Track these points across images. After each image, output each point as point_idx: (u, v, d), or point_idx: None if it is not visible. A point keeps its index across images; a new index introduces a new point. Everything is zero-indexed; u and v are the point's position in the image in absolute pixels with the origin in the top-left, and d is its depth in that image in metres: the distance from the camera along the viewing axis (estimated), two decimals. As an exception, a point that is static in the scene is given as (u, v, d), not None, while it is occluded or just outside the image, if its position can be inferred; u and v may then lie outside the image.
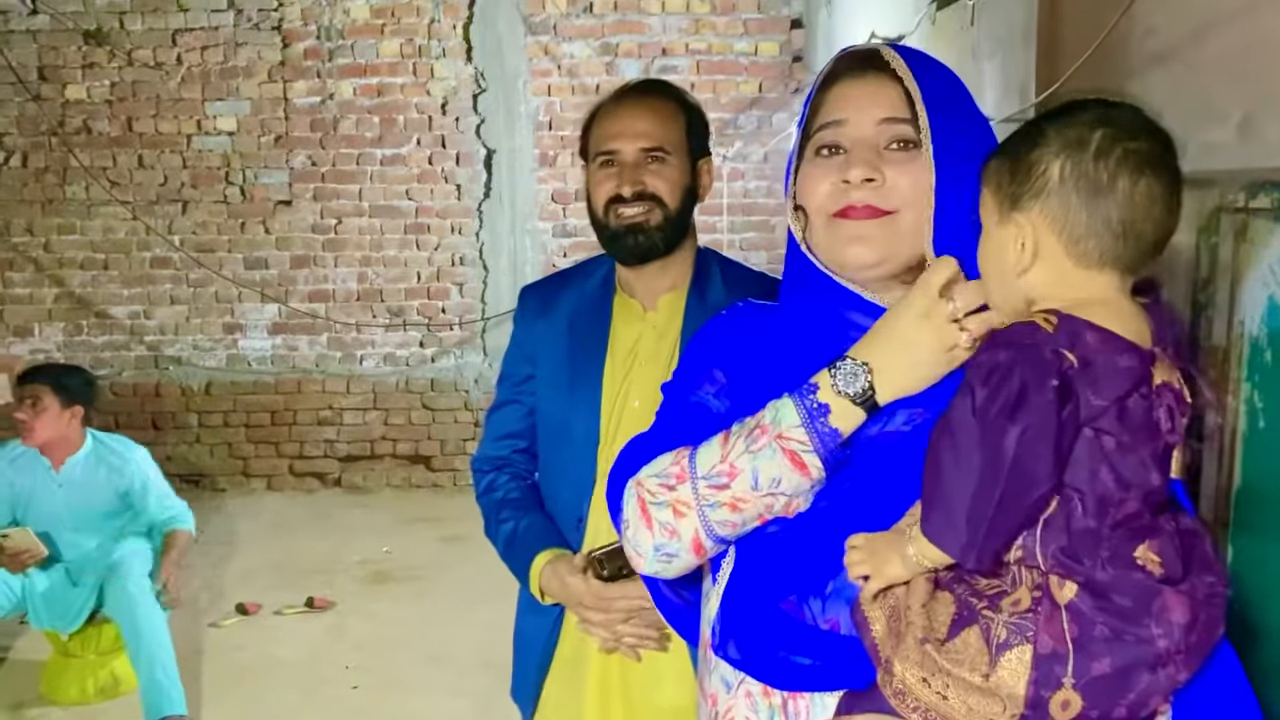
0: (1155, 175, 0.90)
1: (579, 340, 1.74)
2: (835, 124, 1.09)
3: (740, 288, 1.72)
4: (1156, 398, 0.88)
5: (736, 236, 5.92)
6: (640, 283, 1.74)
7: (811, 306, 1.14)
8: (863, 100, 1.08)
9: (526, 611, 1.81)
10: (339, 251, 5.99)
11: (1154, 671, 0.86)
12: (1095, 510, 0.87)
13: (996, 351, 0.90)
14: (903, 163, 1.06)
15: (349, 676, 3.73)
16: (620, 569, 1.57)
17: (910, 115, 1.06)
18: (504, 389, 1.85)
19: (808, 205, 1.11)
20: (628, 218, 1.66)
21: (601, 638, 1.63)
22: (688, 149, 1.72)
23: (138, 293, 6.02)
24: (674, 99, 1.73)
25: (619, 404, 1.69)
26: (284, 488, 6.08)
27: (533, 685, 1.77)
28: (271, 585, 4.59)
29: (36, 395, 3.39)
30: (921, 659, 0.91)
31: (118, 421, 5.89)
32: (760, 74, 5.82)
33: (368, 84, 5.84)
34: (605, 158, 1.68)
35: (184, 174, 5.90)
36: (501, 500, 1.79)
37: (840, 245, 1.08)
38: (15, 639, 3.99)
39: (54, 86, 5.82)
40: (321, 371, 6.08)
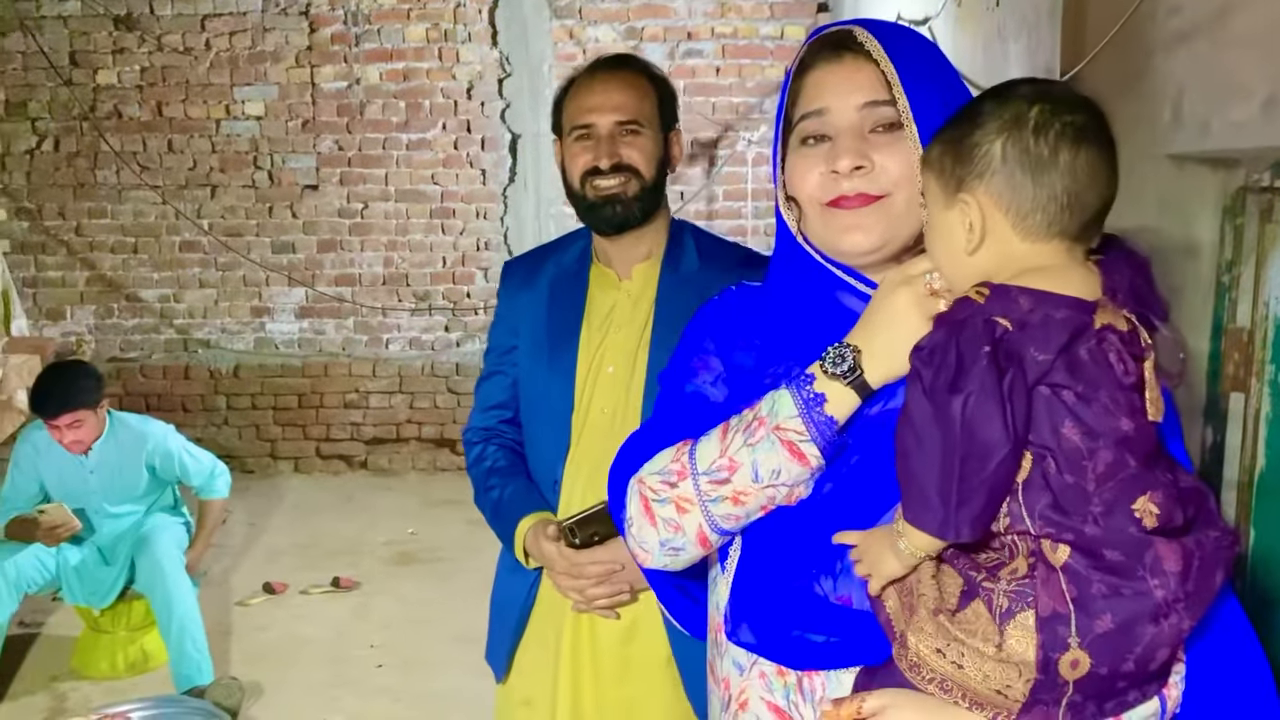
0: (1093, 145, 0.93)
1: (557, 309, 1.80)
2: (817, 114, 1.09)
3: (713, 257, 1.78)
4: (1102, 342, 0.89)
5: (761, 222, 5.90)
6: (616, 252, 1.79)
7: (804, 290, 1.15)
8: (841, 86, 1.08)
9: (505, 574, 1.86)
10: (365, 236, 6.03)
11: (1157, 623, 0.87)
12: (1069, 465, 0.88)
13: (935, 333, 0.93)
14: (889, 145, 1.06)
15: (374, 655, 3.78)
16: (592, 536, 1.64)
17: (890, 95, 1.06)
18: (490, 361, 1.91)
19: (799, 196, 1.12)
20: (605, 189, 1.70)
21: (574, 600, 1.70)
22: (659, 121, 1.76)
23: (167, 276, 6.09)
24: (644, 73, 1.78)
25: (594, 369, 1.74)
26: (311, 470, 6.15)
27: (508, 646, 1.82)
28: (298, 565, 4.65)
29: (79, 419, 3.43)
30: (935, 630, 0.92)
31: (148, 404, 5.97)
32: (786, 57, 5.79)
33: (394, 69, 5.86)
34: (581, 131, 1.72)
35: (212, 158, 5.95)
36: (490, 469, 1.84)
37: (836, 234, 1.09)
38: (49, 615, 4.07)
39: (85, 71, 5.88)
40: (348, 355, 6.12)
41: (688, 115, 5.78)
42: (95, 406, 3.47)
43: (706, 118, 5.81)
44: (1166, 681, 0.94)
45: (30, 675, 3.64)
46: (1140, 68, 1.86)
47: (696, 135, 5.85)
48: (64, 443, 3.43)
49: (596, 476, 1.69)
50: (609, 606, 1.69)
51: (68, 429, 3.40)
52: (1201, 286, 1.78)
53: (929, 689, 0.93)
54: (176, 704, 3.01)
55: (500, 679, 1.85)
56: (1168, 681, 0.95)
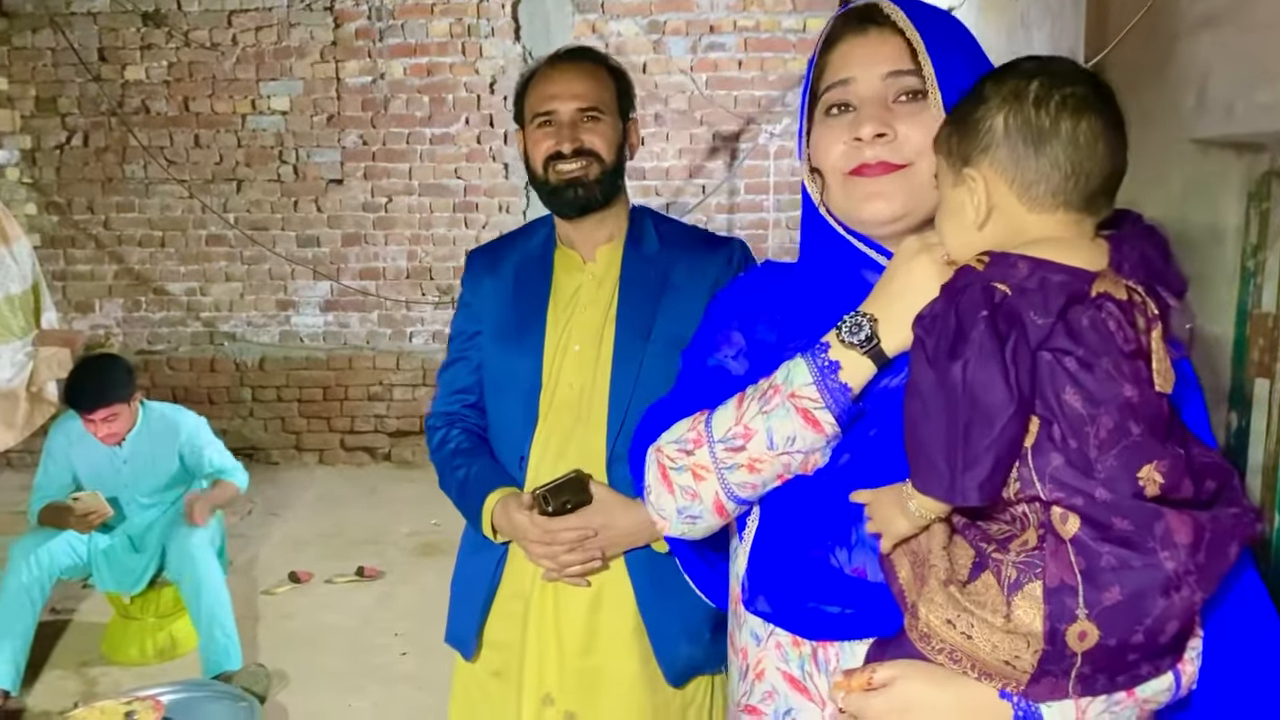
0: (1095, 115, 0.94)
1: (523, 292, 1.84)
2: (842, 83, 1.10)
3: (672, 238, 1.84)
4: (1100, 309, 0.90)
5: (783, 215, 5.90)
6: (579, 235, 1.84)
7: (829, 266, 1.16)
8: (866, 56, 1.10)
9: (469, 553, 1.89)
10: (389, 229, 6.07)
11: (1167, 595, 0.87)
12: (1072, 431, 0.89)
13: (935, 302, 0.95)
14: (913, 114, 1.07)
15: (398, 644, 3.81)
16: (564, 504, 1.67)
17: (915, 66, 1.08)
18: (453, 347, 1.94)
19: (822, 166, 1.13)
20: (567, 173, 1.75)
21: (547, 568, 1.73)
22: (618, 109, 1.82)
23: (194, 270, 6.15)
24: (602, 64, 1.83)
25: (561, 348, 1.79)
26: (335, 461, 6.19)
27: (475, 624, 1.84)
28: (323, 555, 4.69)
29: (114, 412, 3.47)
30: (945, 601, 0.93)
31: (174, 396, 6.02)
32: (809, 50, 5.75)
33: (418, 63, 5.90)
34: (543, 118, 1.77)
35: (239, 153, 6.00)
36: (454, 450, 1.87)
37: (858, 203, 1.10)
38: (80, 602, 4.12)
39: (114, 67, 5.95)
40: (372, 348, 6.17)
41: (710, 108, 5.80)
42: (129, 399, 3.51)
43: (728, 111, 5.82)
44: (1181, 656, 0.94)
45: (61, 660, 3.70)
46: (1165, 52, 1.86)
47: (718, 128, 5.86)
48: (99, 435, 3.48)
49: (564, 452, 1.75)
50: (581, 574, 1.73)
51: (102, 422, 3.45)
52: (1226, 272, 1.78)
53: (939, 659, 0.94)
54: (205, 688, 3.05)
55: (470, 657, 1.87)
56: (1182, 656, 0.95)
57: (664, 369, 1.70)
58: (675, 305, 1.76)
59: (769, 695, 1.12)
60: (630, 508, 1.70)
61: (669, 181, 5.95)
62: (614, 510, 1.70)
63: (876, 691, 0.98)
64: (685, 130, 5.89)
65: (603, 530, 1.69)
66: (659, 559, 1.73)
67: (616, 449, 1.73)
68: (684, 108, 5.87)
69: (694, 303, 1.74)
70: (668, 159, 5.93)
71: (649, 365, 1.73)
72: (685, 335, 1.73)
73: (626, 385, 1.73)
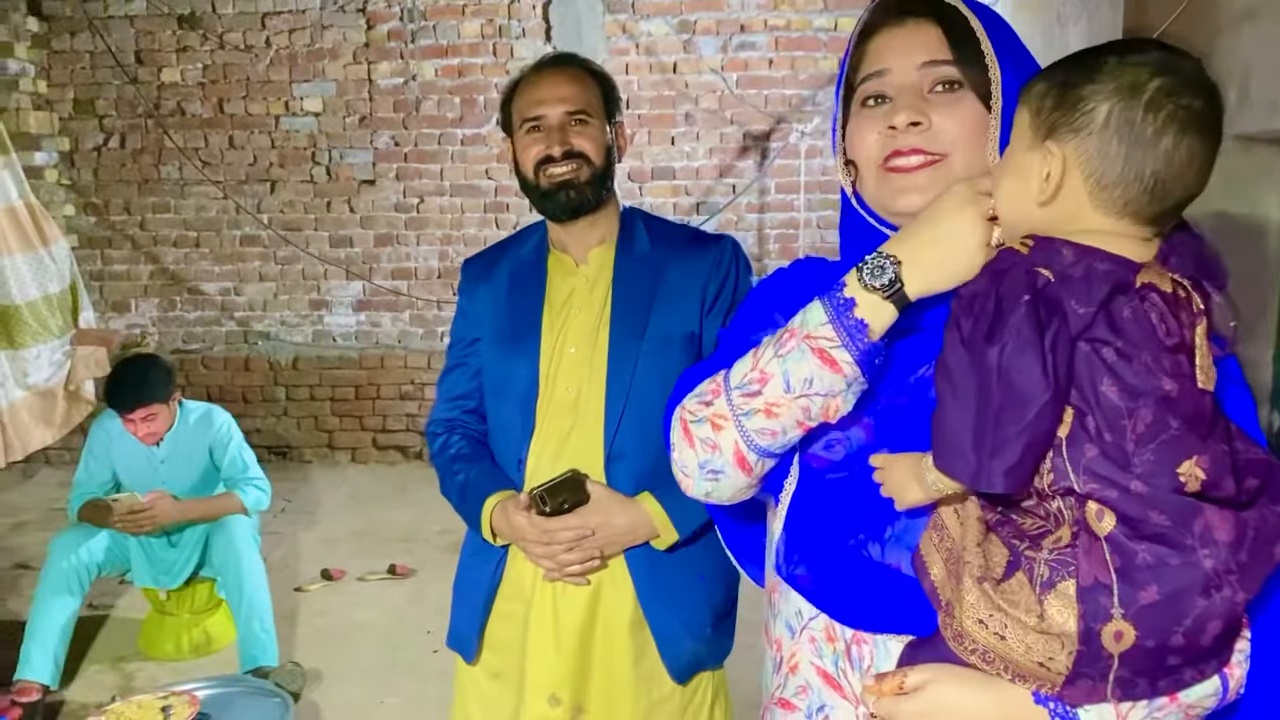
0: (1200, 136, 0.88)
1: (518, 297, 1.85)
2: (877, 75, 1.09)
3: (663, 237, 1.85)
4: (1144, 300, 0.87)
5: (814, 215, 5.89)
6: (571, 238, 1.85)
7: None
8: (902, 47, 1.08)
9: (470, 557, 1.90)
10: (421, 230, 6.10)
11: (1208, 595, 0.84)
12: (1108, 424, 0.86)
13: (976, 281, 0.93)
14: (949, 104, 1.06)
15: (430, 641, 3.82)
16: (561, 504, 1.69)
17: (952, 56, 1.06)
18: (452, 354, 1.96)
19: (857, 158, 1.12)
20: (558, 176, 1.77)
21: (546, 567, 1.74)
22: (604, 112, 1.83)
23: (228, 270, 6.21)
24: (586, 69, 1.85)
25: (557, 350, 1.80)
26: (367, 460, 6.24)
27: (476, 627, 1.86)
28: (355, 553, 4.73)
29: (153, 412, 3.51)
30: (978, 599, 0.91)
31: (209, 395, 6.08)
32: (840, 49, 5.76)
33: (449, 64, 5.93)
34: (532, 124, 1.79)
35: (272, 154, 6.06)
36: (454, 456, 1.88)
37: (891, 196, 1.08)
38: (117, 598, 4.18)
39: (150, 70, 6.02)
40: (403, 347, 6.20)
41: (740, 108, 5.78)
42: (168, 400, 3.56)
43: (759, 110, 5.80)
44: (1228, 659, 0.91)
45: (99, 655, 3.75)
46: (1205, 49, 1.84)
47: (749, 128, 5.85)
48: (138, 435, 3.52)
49: (561, 453, 1.77)
50: (580, 573, 1.74)
51: (142, 422, 3.49)
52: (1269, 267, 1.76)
53: (972, 660, 0.92)
54: (241, 683, 3.07)
55: (471, 660, 1.89)
56: (1229, 660, 0.91)
57: (659, 368, 1.74)
58: (668, 304, 1.78)
59: (802, 690, 1.11)
60: (628, 506, 1.72)
61: (699, 181, 5.94)
62: (611, 508, 1.72)
63: (908, 695, 0.97)
64: (716, 130, 5.89)
65: (600, 529, 1.71)
66: (658, 556, 1.75)
67: (614, 449, 1.75)
68: (714, 107, 5.86)
69: (687, 301, 1.79)
70: (698, 159, 5.93)
71: (644, 365, 1.75)
72: (679, 334, 1.77)
73: (622, 385, 1.75)
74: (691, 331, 1.78)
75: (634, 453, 1.75)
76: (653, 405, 1.72)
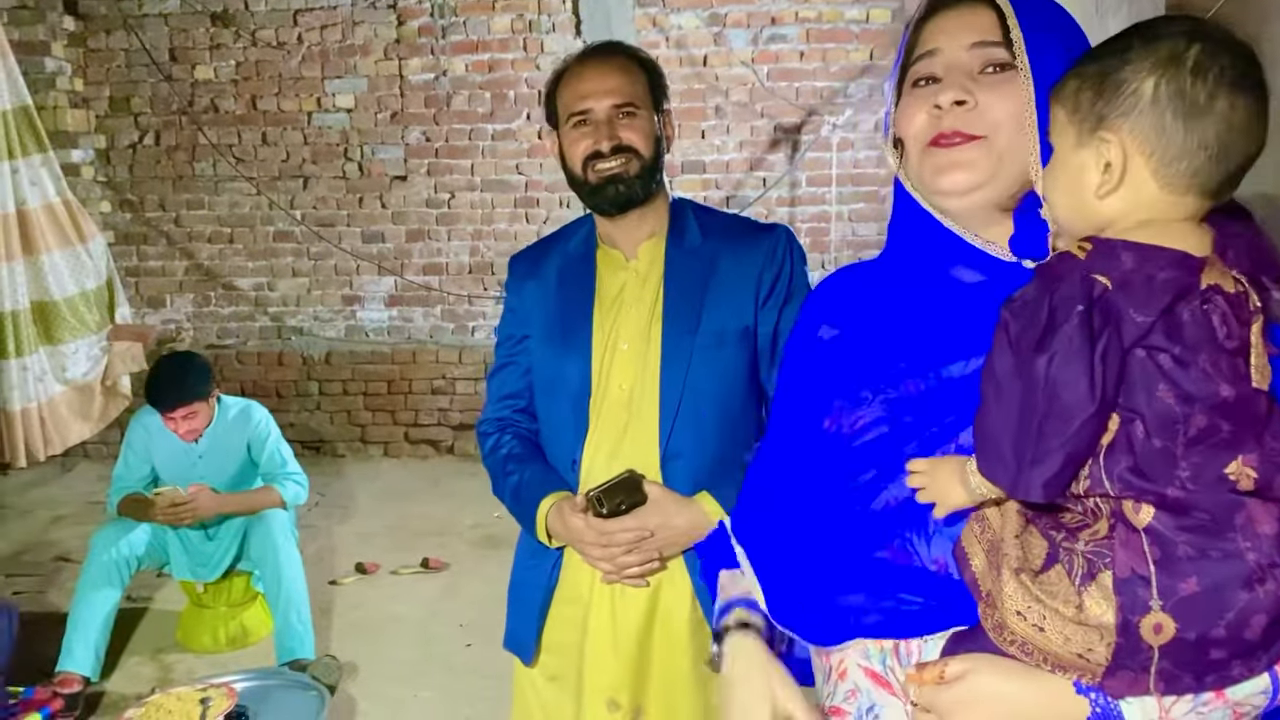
0: (1251, 94, 0.87)
1: (568, 293, 1.82)
2: (929, 55, 1.09)
3: (714, 229, 1.81)
4: (1207, 303, 0.85)
5: (845, 208, 5.85)
6: (621, 233, 1.81)
7: (914, 260, 1.14)
8: (954, 28, 1.08)
9: (525, 559, 1.87)
10: (452, 225, 6.12)
11: (1250, 588, 0.82)
12: (1159, 429, 0.85)
13: (1030, 286, 0.90)
14: (996, 85, 1.05)
15: (463, 635, 3.84)
16: (619, 505, 1.65)
17: (1004, 39, 1.04)
18: (501, 352, 1.92)
19: (904, 136, 1.11)
20: (607, 171, 1.72)
21: (605, 570, 1.71)
22: (652, 102, 1.78)
23: (261, 265, 6.26)
24: (632, 57, 1.79)
25: (609, 348, 1.76)
26: (400, 454, 6.27)
27: (533, 629, 1.83)
28: (388, 547, 4.76)
29: (193, 410, 3.55)
30: (1016, 590, 0.90)
31: (243, 389, 6.13)
32: (871, 41, 5.72)
33: (479, 60, 5.94)
34: (578, 118, 1.74)
35: (305, 150, 6.09)
36: (506, 456, 1.85)
37: (933, 173, 1.07)
38: (155, 590, 4.23)
39: (184, 67, 6.07)
40: (435, 342, 6.23)
41: (771, 100, 5.76)
42: (208, 397, 3.59)
43: (790, 102, 5.77)
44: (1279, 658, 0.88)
45: (138, 647, 3.80)
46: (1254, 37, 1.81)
47: (779, 121, 5.82)
48: (179, 433, 3.56)
49: (616, 452, 1.73)
50: (639, 575, 1.71)
51: (183, 420, 3.53)
52: None
53: (1012, 651, 0.91)
54: (278, 676, 3.10)
55: (529, 662, 1.86)
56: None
57: (713, 364, 1.71)
58: (722, 298, 1.74)
59: (852, 694, 1.10)
60: (686, 506, 1.69)
61: (729, 175, 5.92)
62: (670, 509, 1.68)
63: (948, 684, 0.96)
64: (746, 123, 5.86)
65: (659, 530, 1.67)
66: None
67: (669, 447, 1.71)
68: (745, 100, 5.84)
69: (741, 294, 1.74)
70: (728, 152, 5.91)
71: (698, 361, 1.71)
72: (733, 328, 1.73)
73: (676, 383, 1.71)
74: (746, 325, 1.74)
75: (690, 451, 1.71)
76: (708, 402, 1.71)
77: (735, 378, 1.75)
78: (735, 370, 1.75)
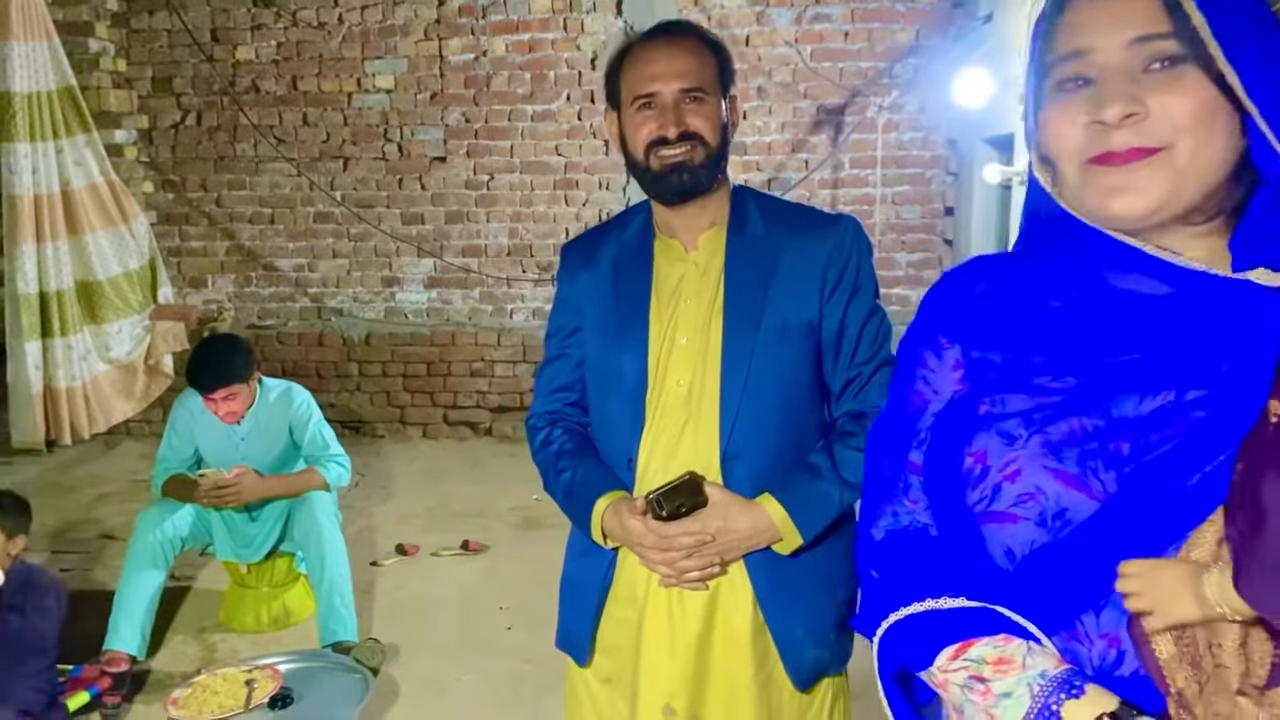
0: None
1: (623, 285, 1.74)
2: (1075, 54, 0.93)
3: (778, 219, 1.72)
4: None
5: (889, 190, 5.77)
6: (680, 222, 1.73)
7: (1062, 263, 1.00)
8: (1106, 20, 0.91)
9: (578, 556, 1.81)
10: (491, 207, 6.10)
11: None
12: None
13: None
14: (1168, 85, 0.88)
15: (503, 617, 3.84)
16: (679, 507, 1.59)
17: (1170, 27, 0.88)
18: (552, 345, 1.85)
19: (1055, 152, 0.96)
20: (671, 158, 1.63)
21: (664, 574, 1.65)
22: (720, 87, 1.69)
23: (302, 246, 6.28)
24: (703, 39, 1.70)
25: (667, 342, 1.69)
26: (438, 436, 6.28)
27: (588, 629, 1.78)
28: (428, 528, 4.77)
29: (233, 392, 3.55)
30: (1232, 710, 0.79)
31: (284, 370, 6.18)
32: (918, 20, 5.62)
33: (519, 40, 5.90)
34: (644, 100, 1.65)
35: (345, 131, 6.09)
36: (558, 452, 1.79)
37: (1101, 197, 0.92)
38: (199, 570, 4.26)
39: (225, 48, 6.08)
40: (474, 324, 6.23)
41: (814, 81, 5.68)
42: (248, 379, 3.59)
43: (834, 83, 5.69)
44: None
45: (183, 626, 3.82)
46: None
47: (823, 102, 5.74)
48: (219, 414, 3.57)
49: (675, 451, 1.66)
50: (699, 579, 1.65)
51: (223, 401, 3.53)
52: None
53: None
54: (322, 658, 3.11)
55: (583, 662, 1.81)
56: None
57: (776, 360, 1.64)
58: (785, 292, 1.66)
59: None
60: (749, 509, 1.62)
61: (771, 156, 5.85)
62: (732, 512, 1.61)
63: None
64: (789, 104, 5.79)
65: (720, 534, 1.61)
66: (779, 560, 1.65)
67: (730, 447, 1.64)
68: (788, 80, 5.76)
69: (806, 287, 1.66)
70: (770, 133, 5.84)
71: (760, 357, 1.63)
72: (797, 323, 1.65)
73: (738, 380, 1.63)
74: (810, 320, 1.66)
75: (752, 451, 1.64)
76: (771, 400, 1.64)
77: (799, 375, 1.68)
78: (799, 367, 1.67)
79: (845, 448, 1.65)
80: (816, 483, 1.64)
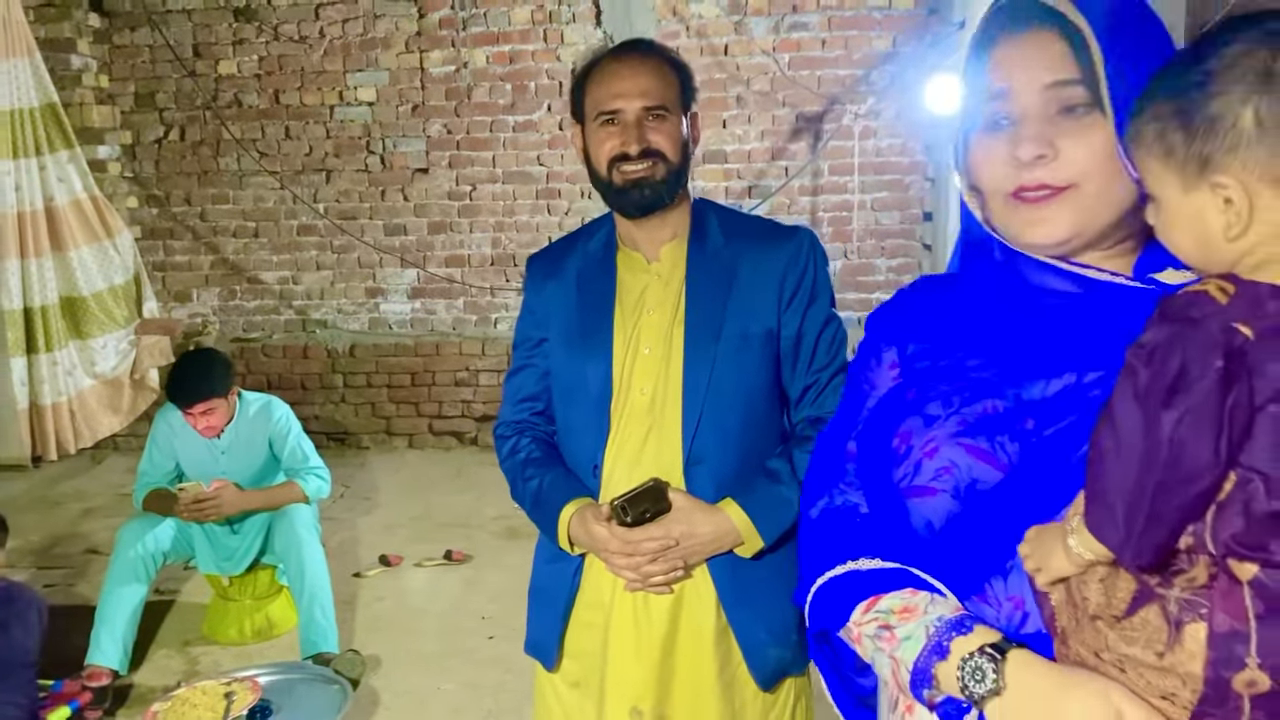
0: None
1: (588, 296, 1.78)
2: (1000, 94, 1.01)
3: (736, 231, 1.78)
4: None
5: (868, 196, 5.81)
6: (643, 235, 1.78)
7: (990, 274, 1.08)
8: (1021, 63, 1.00)
9: (546, 563, 1.85)
10: (474, 217, 6.13)
11: None
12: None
13: (1161, 328, 0.81)
14: (1076, 131, 0.97)
15: (485, 627, 3.87)
16: (643, 513, 1.63)
17: (1079, 74, 0.97)
18: (519, 354, 1.90)
19: (981, 184, 1.06)
20: (633, 174, 1.69)
21: (629, 579, 1.69)
22: (681, 104, 1.75)
23: (286, 259, 6.30)
24: (665, 58, 1.76)
25: (631, 352, 1.73)
26: (424, 446, 6.30)
27: (555, 633, 1.82)
28: (412, 539, 4.79)
29: (211, 407, 3.57)
30: (1094, 635, 0.87)
31: (269, 382, 6.20)
32: (894, 28, 5.67)
33: (500, 51, 5.93)
34: (608, 117, 1.71)
35: (327, 144, 6.12)
36: (525, 460, 1.83)
37: (1020, 227, 1.02)
38: (182, 583, 4.28)
39: (207, 63, 6.10)
40: (458, 334, 6.25)
41: (792, 89, 5.72)
42: (226, 394, 3.61)
43: (812, 91, 5.74)
44: None
45: (166, 639, 3.84)
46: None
47: (801, 110, 5.78)
48: (198, 428, 3.59)
49: (639, 458, 1.71)
50: (664, 583, 1.69)
51: (201, 415, 3.56)
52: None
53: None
54: (301, 670, 3.14)
55: (551, 667, 1.85)
56: None
57: (736, 368, 1.69)
58: (744, 301, 1.71)
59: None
60: (711, 514, 1.67)
61: (751, 164, 5.89)
62: (695, 517, 1.66)
63: None
64: (768, 112, 5.83)
65: (684, 538, 1.65)
66: (741, 563, 1.70)
67: (692, 454, 1.69)
68: (766, 89, 5.80)
69: (764, 297, 1.72)
70: (750, 141, 5.88)
71: (721, 366, 1.68)
72: (756, 331, 1.71)
73: (699, 388, 1.68)
74: (769, 328, 1.72)
75: (714, 457, 1.69)
76: (732, 407, 1.69)
77: (758, 382, 1.73)
78: (758, 374, 1.73)
79: (804, 453, 1.69)
80: (776, 487, 1.69)
